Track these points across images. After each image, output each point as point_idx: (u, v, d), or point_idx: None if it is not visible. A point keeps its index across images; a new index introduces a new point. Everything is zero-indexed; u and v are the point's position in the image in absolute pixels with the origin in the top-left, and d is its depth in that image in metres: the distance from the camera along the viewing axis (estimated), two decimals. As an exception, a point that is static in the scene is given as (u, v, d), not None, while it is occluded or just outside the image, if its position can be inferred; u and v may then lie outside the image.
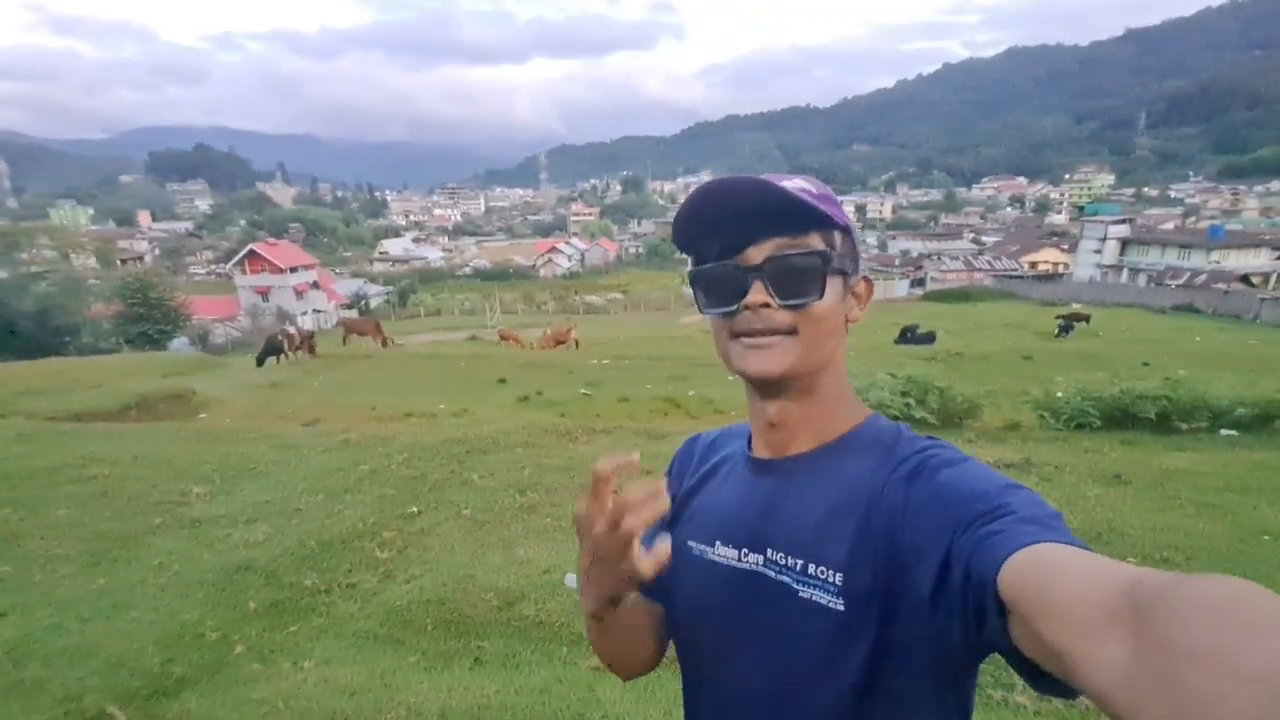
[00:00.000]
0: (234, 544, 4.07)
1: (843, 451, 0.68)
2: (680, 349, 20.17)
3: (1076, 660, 0.38)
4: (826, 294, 0.65)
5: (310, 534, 4.13)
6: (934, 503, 0.57)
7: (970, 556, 0.51)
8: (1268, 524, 3.98)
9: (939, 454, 0.62)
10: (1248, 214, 76.29)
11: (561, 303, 46.21)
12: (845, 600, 0.60)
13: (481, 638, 3.08)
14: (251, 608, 3.38)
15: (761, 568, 0.67)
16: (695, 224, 0.67)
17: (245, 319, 32.95)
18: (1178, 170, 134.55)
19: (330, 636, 3.16)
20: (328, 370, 15.50)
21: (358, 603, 3.42)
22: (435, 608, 3.30)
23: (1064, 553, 0.45)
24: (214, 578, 3.65)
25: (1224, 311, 29.35)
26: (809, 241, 0.65)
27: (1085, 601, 0.39)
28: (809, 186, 0.67)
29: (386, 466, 5.42)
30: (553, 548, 3.89)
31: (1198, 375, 7.24)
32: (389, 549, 3.94)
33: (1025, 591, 0.44)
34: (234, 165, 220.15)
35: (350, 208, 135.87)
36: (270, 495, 4.85)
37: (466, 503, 4.58)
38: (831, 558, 0.62)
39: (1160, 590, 0.35)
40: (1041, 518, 0.51)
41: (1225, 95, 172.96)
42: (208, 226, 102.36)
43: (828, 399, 0.69)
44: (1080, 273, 43.09)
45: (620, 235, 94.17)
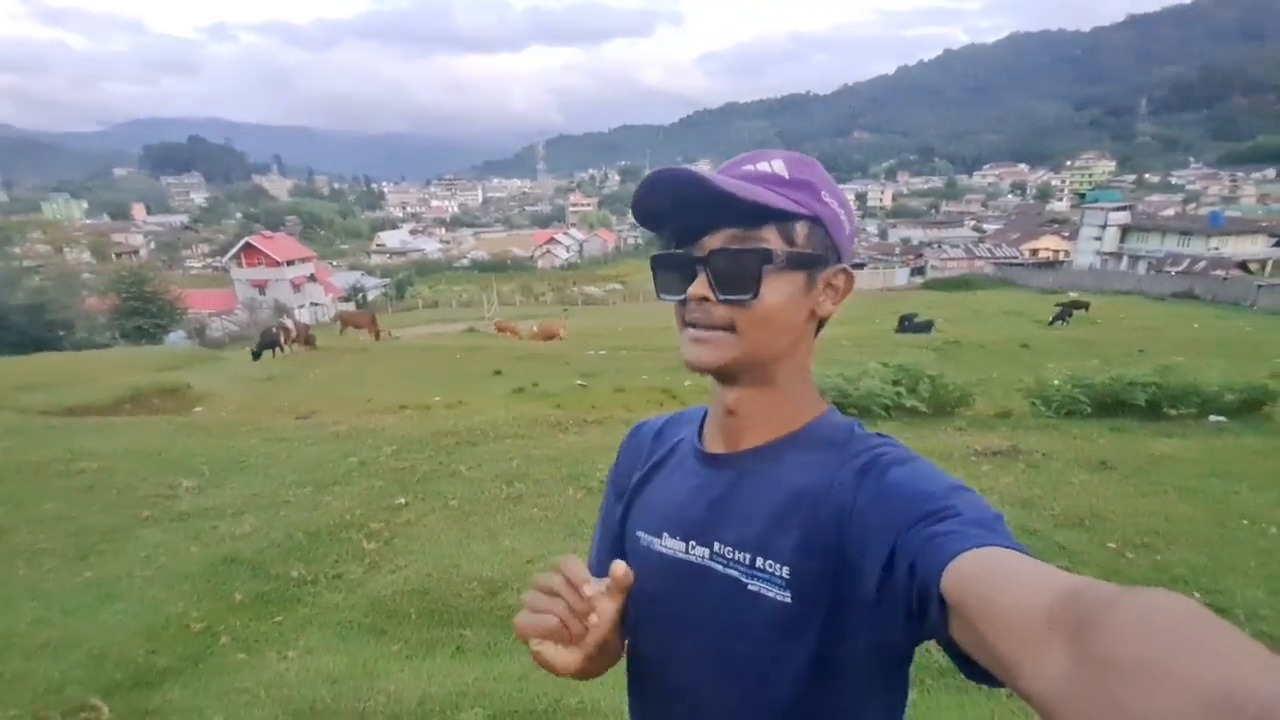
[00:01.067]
0: (221, 536, 4.09)
1: (795, 447, 0.68)
2: (676, 339, 20.16)
3: (1016, 666, 0.38)
4: (769, 293, 0.63)
5: (298, 525, 4.15)
6: (882, 500, 0.58)
7: (916, 555, 0.52)
8: (1247, 509, 4.01)
9: (889, 452, 0.63)
10: (1246, 201, 76.02)
11: (560, 294, 46.16)
12: (793, 593, 0.61)
13: (464, 626, 3.11)
14: (237, 599, 3.40)
15: (709, 560, 0.67)
16: (650, 211, 0.67)
17: (242, 312, 32.93)
18: (1179, 157, 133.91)
19: (315, 626, 3.18)
20: (324, 363, 15.52)
21: (343, 593, 3.44)
22: (419, 597, 3.32)
23: (1008, 558, 0.46)
24: (200, 569, 3.67)
25: (1222, 298, 29.34)
26: (760, 236, 0.63)
27: (1026, 608, 0.39)
28: (782, 171, 0.65)
29: (375, 458, 5.43)
30: (538, 537, 3.91)
31: (1192, 362, 7.24)
32: (375, 540, 3.96)
33: (969, 594, 0.45)
34: (229, 158, 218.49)
35: (347, 200, 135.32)
36: (259, 488, 4.87)
37: (454, 494, 4.60)
38: (779, 552, 0.62)
39: (1100, 602, 0.35)
40: (986, 520, 0.52)
41: (1224, 83, 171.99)
42: (203, 219, 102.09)
43: (784, 392, 0.69)
44: (1081, 260, 43.03)
45: (619, 226, 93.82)
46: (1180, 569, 3.29)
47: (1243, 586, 3.10)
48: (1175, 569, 3.29)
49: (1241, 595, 3.02)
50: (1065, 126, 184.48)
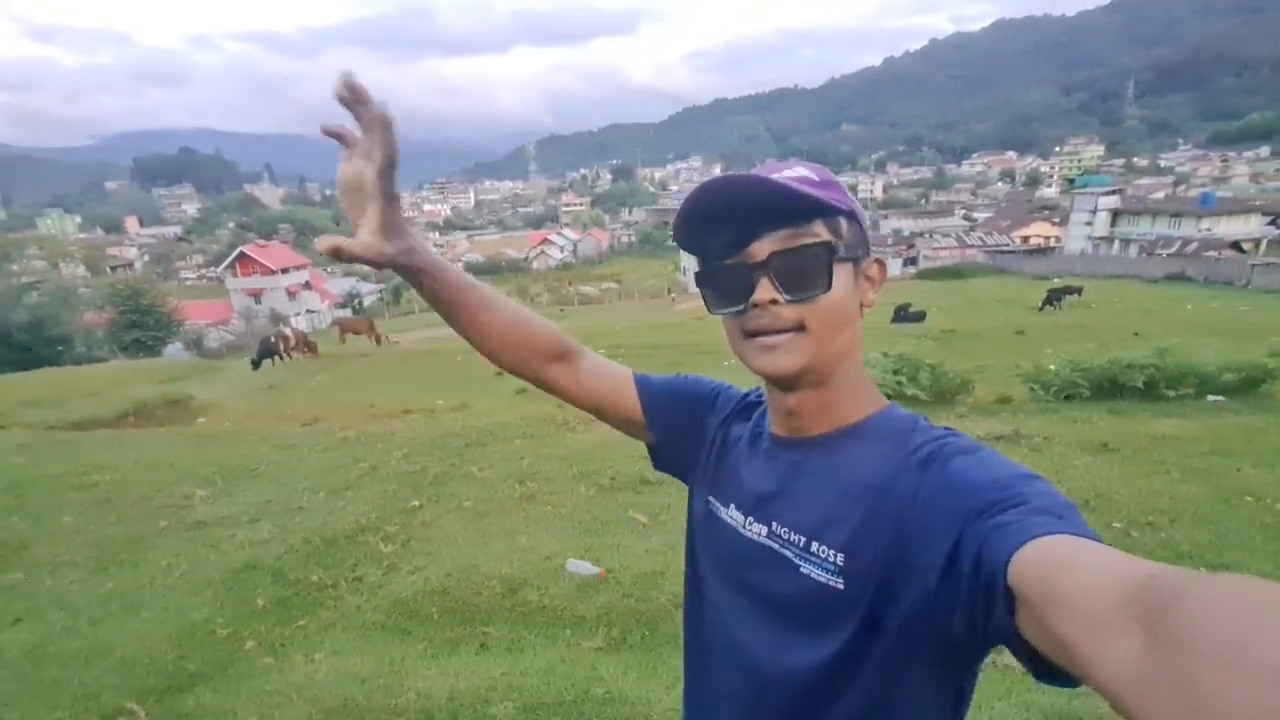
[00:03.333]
0: (239, 544, 4.14)
1: (858, 437, 0.68)
2: (676, 336, 20.22)
3: (1086, 654, 0.38)
4: (835, 284, 0.64)
5: (314, 531, 4.20)
6: (945, 490, 0.57)
7: (981, 546, 0.50)
8: (1250, 485, 4.08)
9: (953, 442, 0.62)
10: (1237, 180, 76.31)
11: (555, 295, 46.15)
12: (845, 579, 0.62)
13: (486, 624, 3.16)
14: (260, 604, 3.45)
15: (765, 539, 0.69)
16: (695, 224, 0.67)
17: (239, 322, 32.90)
18: (1167, 139, 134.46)
19: (339, 629, 3.23)
20: (324, 370, 15.54)
21: (364, 595, 3.49)
22: (440, 597, 3.37)
23: (1077, 545, 0.45)
24: (221, 577, 3.71)
25: (1215, 279, 29.49)
26: (813, 232, 0.64)
27: (1097, 596, 0.39)
28: (810, 174, 0.66)
29: (386, 462, 5.48)
30: (553, 534, 3.97)
31: (1188, 343, 7.32)
32: (392, 542, 4.01)
33: (1035, 583, 0.44)
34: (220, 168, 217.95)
35: (339, 207, 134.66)
36: (272, 495, 4.91)
37: (467, 495, 4.65)
38: (835, 538, 0.63)
39: (1175, 587, 0.34)
40: (1054, 508, 0.51)
41: (1213, 62, 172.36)
42: (196, 230, 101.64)
43: (844, 386, 0.69)
44: (1072, 245, 43.14)
45: (612, 224, 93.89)
46: (1186, 546, 3.36)
47: (1249, 562, 3.17)
48: (1181, 546, 3.36)
49: (1248, 570, 3.09)
50: (1053, 112, 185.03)
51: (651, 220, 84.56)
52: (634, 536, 3.91)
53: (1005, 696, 2.40)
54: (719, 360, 13.90)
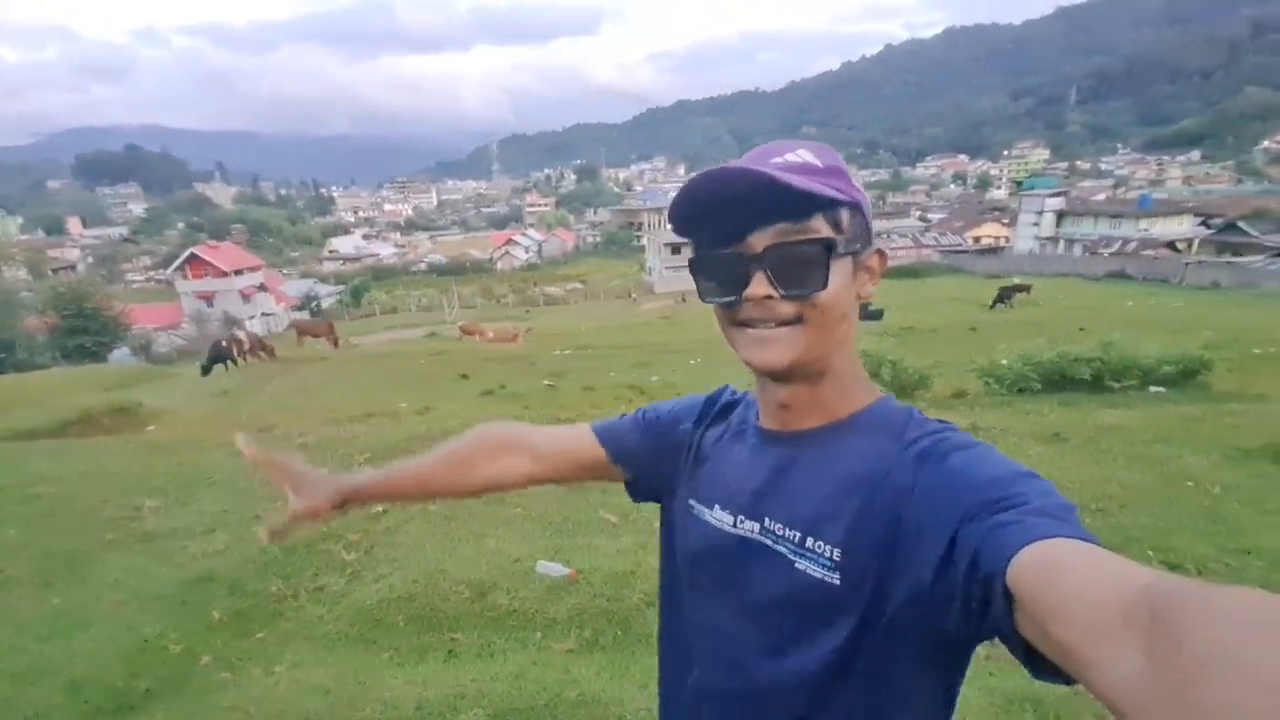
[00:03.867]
0: (192, 555, 3.98)
1: (852, 430, 0.67)
2: (642, 336, 20.27)
3: (1086, 661, 0.38)
4: (832, 281, 0.62)
5: (273, 540, 4.06)
6: (943, 487, 0.57)
7: (979, 545, 0.50)
8: (1191, 471, 4.30)
9: (950, 437, 0.62)
10: (1172, 183, 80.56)
11: (521, 295, 45.71)
12: (841, 575, 0.60)
13: (455, 630, 3.11)
14: (215, 617, 3.32)
15: (757, 535, 0.67)
16: (692, 211, 0.65)
17: (190, 326, 31.64)
18: (1107, 143, 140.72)
19: (300, 640, 3.14)
20: (281, 375, 15.04)
21: (326, 605, 3.40)
22: (406, 604, 3.30)
23: (1078, 550, 0.44)
24: (174, 590, 3.56)
25: (1152, 277, 31.00)
26: (813, 227, 0.61)
27: (1099, 603, 0.38)
28: (814, 160, 0.64)
29: (348, 468, 5.31)
30: (523, 537, 3.93)
31: (1129, 338, 7.69)
32: (355, 550, 3.91)
33: (1036, 588, 0.43)
34: (168, 166, 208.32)
35: (295, 206, 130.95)
36: (228, 504, 4.73)
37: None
38: (831, 533, 0.61)
39: (1177, 596, 0.34)
40: (1054, 509, 0.50)
41: (1148, 70, 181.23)
42: (143, 231, 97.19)
43: (837, 379, 0.68)
44: (1021, 245, 44.77)
45: (577, 225, 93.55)
46: (1134, 530, 3.52)
47: (1192, 544, 3.34)
48: (1130, 530, 3.52)
49: (1191, 552, 3.26)
50: (1001, 118, 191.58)
51: (616, 221, 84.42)
52: (605, 537, 3.90)
53: (968, 681, 2.48)
54: (685, 360, 13.99)
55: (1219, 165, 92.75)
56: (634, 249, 65.27)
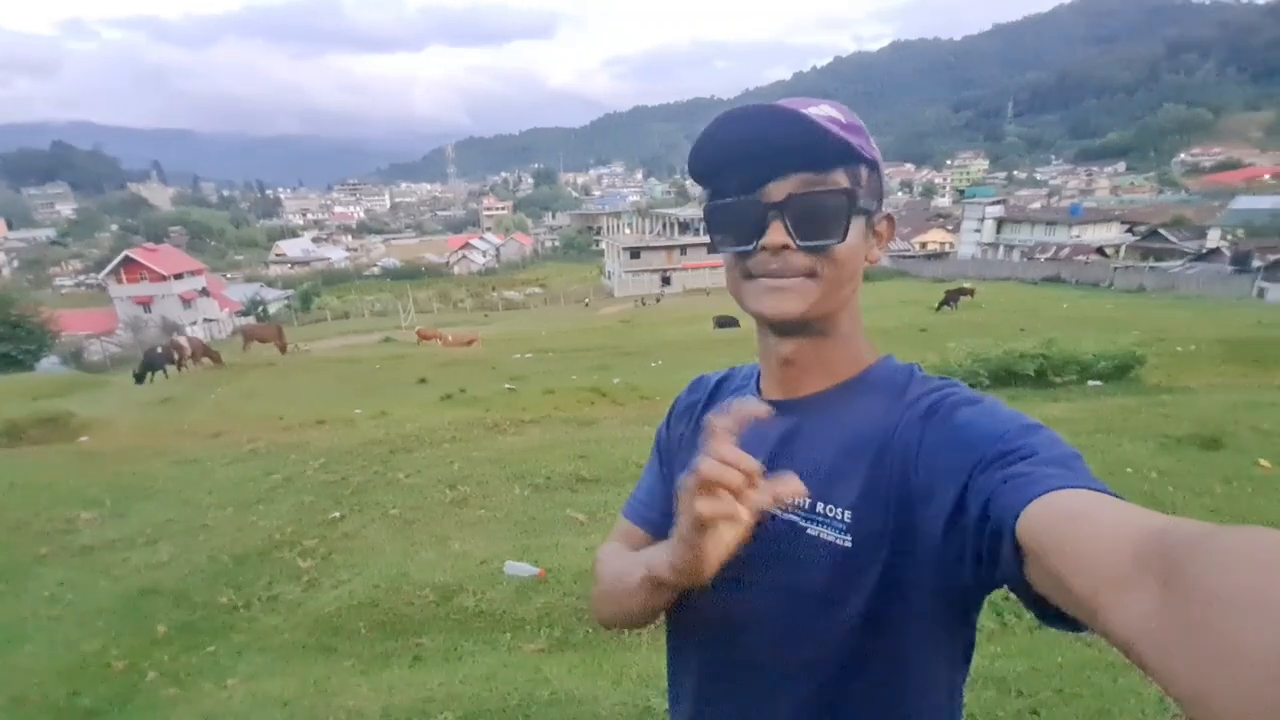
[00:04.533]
0: (134, 568, 3.77)
1: (855, 392, 0.67)
2: (602, 339, 20.23)
3: (1101, 607, 0.38)
4: (850, 235, 0.61)
5: (222, 549, 3.88)
6: (950, 442, 0.56)
7: (989, 499, 0.50)
8: (1129, 458, 4.54)
9: (955, 393, 0.61)
10: (1100, 193, 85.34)
11: (479, 299, 45.02)
12: (853, 537, 0.60)
13: (420, 634, 3.03)
14: (160, 631, 3.15)
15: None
16: (713, 155, 0.63)
17: (125, 332, 29.94)
18: (1042, 154, 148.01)
19: (254, 651, 3.00)
20: (227, 381, 14.39)
21: (281, 614, 3.27)
22: (368, 610, 3.20)
23: (1088, 499, 0.44)
24: (114, 604, 3.37)
25: (1084, 280, 32.73)
26: (834, 179, 0.60)
27: (1110, 549, 0.38)
28: (836, 114, 0.62)
29: (302, 473, 5.14)
30: (488, 538, 3.86)
31: (1067, 336, 8.10)
32: (311, 557, 3.77)
33: (1047, 538, 0.43)
34: (100, 165, 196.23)
35: (240, 208, 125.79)
36: (172, 513, 4.50)
37: (393, 502, 4.44)
38: (841, 496, 0.61)
39: (1189, 538, 0.34)
40: (1061, 458, 0.50)
41: (1077, 86, 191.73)
42: (73, 233, 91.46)
43: (842, 339, 0.67)
44: (964, 250, 46.68)
45: (535, 229, 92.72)
46: (1078, 514, 3.69)
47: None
48: (1074, 514, 3.69)
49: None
50: (944, 129, 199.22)
51: (575, 225, 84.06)
52: (573, 535, 3.86)
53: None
54: (645, 362, 14.04)
55: (1142, 176, 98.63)
56: (593, 253, 65.16)
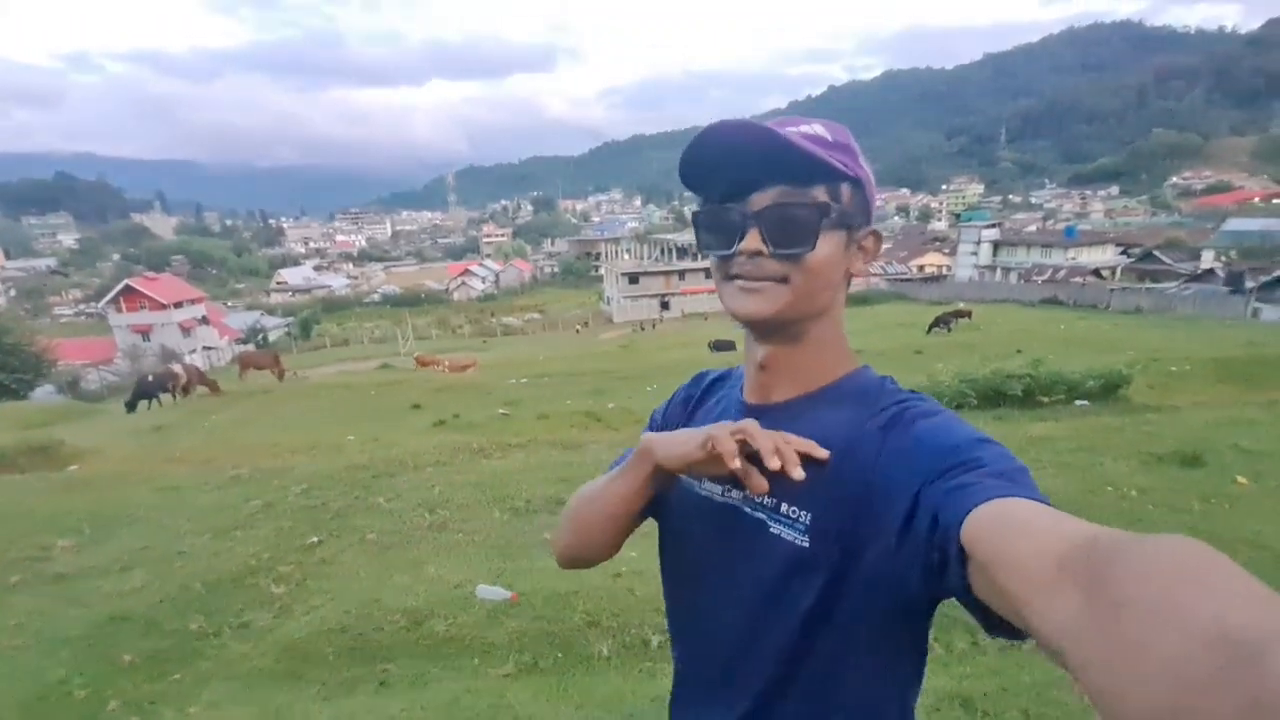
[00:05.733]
0: (105, 595, 3.73)
1: (825, 400, 0.70)
2: (599, 364, 20.24)
3: (1030, 609, 0.39)
4: (821, 247, 0.65)
5: (195, 576, 3.84)
6: (907, 452, 0.59)
7: (938, 506, 0.53)
8: (1110, 477, 4.53)
9: (916, 406, 0.64)
10: (1095, 216, 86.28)
11: (478, 326, 45.19)
12: (811, 538, 0.63)
13: (388, 660, 2.98)
14: (127, 660, 3.11)
15: (740, 503, 0.70)
16: (700, 165, 0.67)
17: (123, 361, 30.00)
18: (1036, 179, 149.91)
19: (219, 679, 2.95)
20: (221, 409, 14.37)
21: (251, 642, 3.22)
22: (337, 636, 3.15)
23: (1027, 508, 0.47)
24: (82, 632, 3.32)
25: (1082, 302, 32.84)
26: (811, 193, 0.64)
27: (1042, 554, 0.40)
28: (824, 133, 0.66)
29: (282, 499, 5.11)
30: (463, 562, 3.82)
31: (1061, 357, 8.12)
32: (285, 583, 3.73)
33: (987, 542, 0.46)
34: (104, 195, 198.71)
35: (242, 237, 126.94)
36: (148, 541, 4.47)
37: (372, 527, 4.41)
38: (802, 499, 0.64)
39: (1114, 545, 0.36)
40: (1009, 472, 0.53)
41: (1067, 112, 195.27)
42: (74, 262, 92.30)
43: (818, 347, 0.71)
44: (961, 273, 46.99)
45: (534, 255, 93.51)
46: (1056, 532, 3.66)
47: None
48: (1052, 533, 3.66)
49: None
50: (939, 155, 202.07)
51: (574, 251, 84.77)
52: (548, 558, 3.80)
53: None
54: (641, 386, 14.03)
55: (1135, 199, 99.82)
56: (592, 279, 65.56)
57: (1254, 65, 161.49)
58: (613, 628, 3.04)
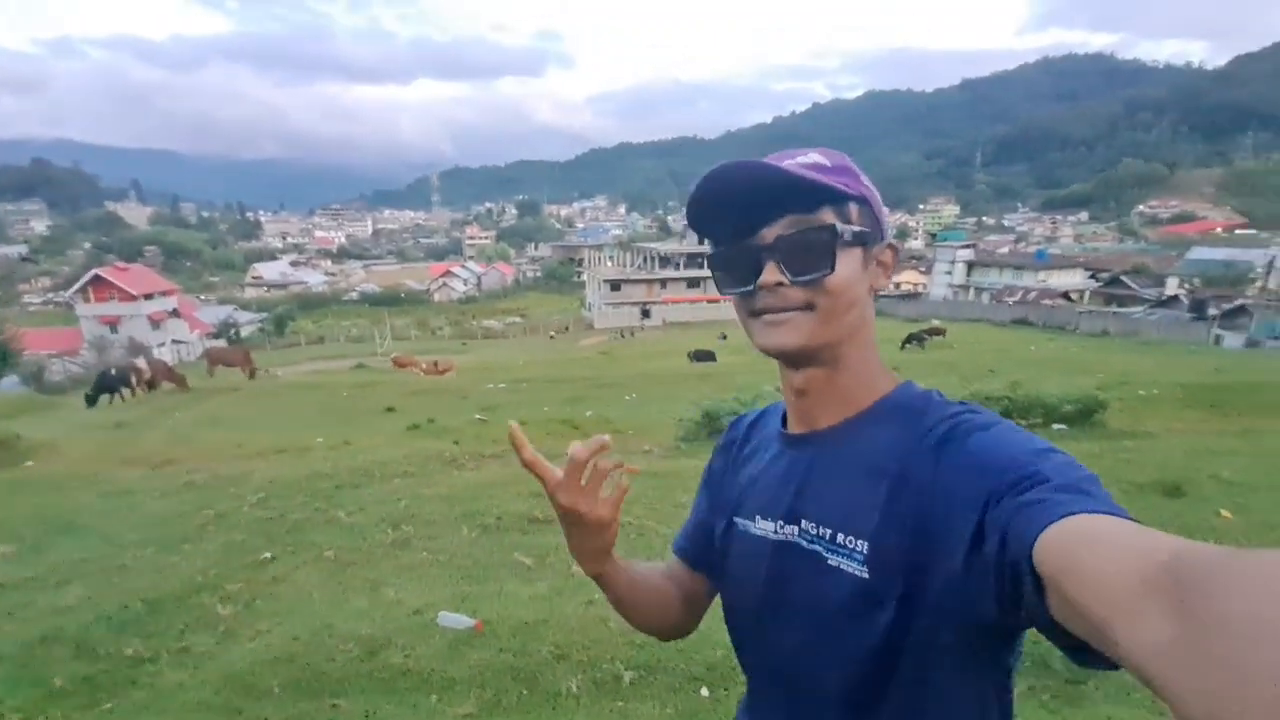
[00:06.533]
0: (39, 611, 3.47)
1: (870, 422, 0.68)
2: (579, 370, 20.05)
3: (1116, 632, 0.37)
4: (840, 267, 0.64)
5: (136, 593, 3.59)
6: (965, 471, 0.56)
7: (1006, 527, 0.49)
8: (1089, 506, 4.49)
9: (969, 419, 0.61)
10: (1065, 240, 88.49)
11: (458, 327, 44.68)
12: (870, 568, 0.61)
13: (338, 695, 2.78)
14: (57, 684, 2.87)
15: (796, 538, 0.69)
16: (706, 208, 0.68)
17: (89, 353, 29.01)
18: (1009, 202, 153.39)
19: (152, 713, 2.72)
20: (186, 406, 13.90)
21: (189, 670, 2.99)
22: (284, 666, 2.94)
23: (1102, 523, 0.44)
24: (13, 651, 3.09)
25: (1051, 323, 33.58)
26: (820, 217, 0.64)
27: (1124, 572, 0.38)
28: (822, 160, 0.67)
29: (237, 509, 4.86)
30: (426, 585, 3.63)
31: (1033, 378, 8.15)
32: (233, 603, 3.50)
33: (1062, 563, 0.43)
34: (79, 182, 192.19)
35: (218, 229, 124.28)
36: (90, 552, 4.20)
37: (330, 543, 4.19)
38: (859, 527, 0.62)
39: (1206, 562, 0.34)
40: (1077, 483, 0.49)
41: (1041, 138, 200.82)
42: (44, 250, 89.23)
43: (854, 368, 0.69)
44: (936, 292, 47.79)
45: (517, 259, 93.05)
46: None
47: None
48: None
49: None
50: (917, 175, 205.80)
51: (557, 256, 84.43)
52: (518, 582, 3.65)
53: None
54: (620, 394, 13.89)
55: (1104, 225, 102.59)
56: (574, 285, 65.38)
57: (1220, 100, 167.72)
58: (583, 662, 2.87)
